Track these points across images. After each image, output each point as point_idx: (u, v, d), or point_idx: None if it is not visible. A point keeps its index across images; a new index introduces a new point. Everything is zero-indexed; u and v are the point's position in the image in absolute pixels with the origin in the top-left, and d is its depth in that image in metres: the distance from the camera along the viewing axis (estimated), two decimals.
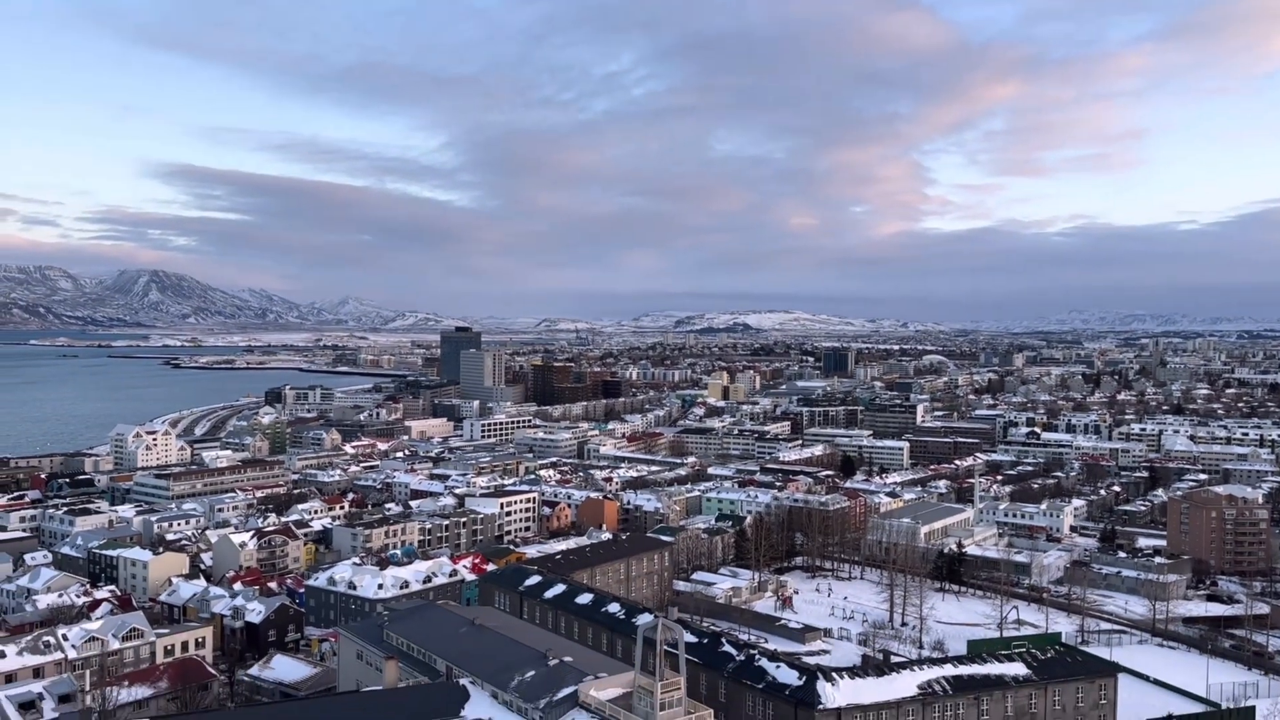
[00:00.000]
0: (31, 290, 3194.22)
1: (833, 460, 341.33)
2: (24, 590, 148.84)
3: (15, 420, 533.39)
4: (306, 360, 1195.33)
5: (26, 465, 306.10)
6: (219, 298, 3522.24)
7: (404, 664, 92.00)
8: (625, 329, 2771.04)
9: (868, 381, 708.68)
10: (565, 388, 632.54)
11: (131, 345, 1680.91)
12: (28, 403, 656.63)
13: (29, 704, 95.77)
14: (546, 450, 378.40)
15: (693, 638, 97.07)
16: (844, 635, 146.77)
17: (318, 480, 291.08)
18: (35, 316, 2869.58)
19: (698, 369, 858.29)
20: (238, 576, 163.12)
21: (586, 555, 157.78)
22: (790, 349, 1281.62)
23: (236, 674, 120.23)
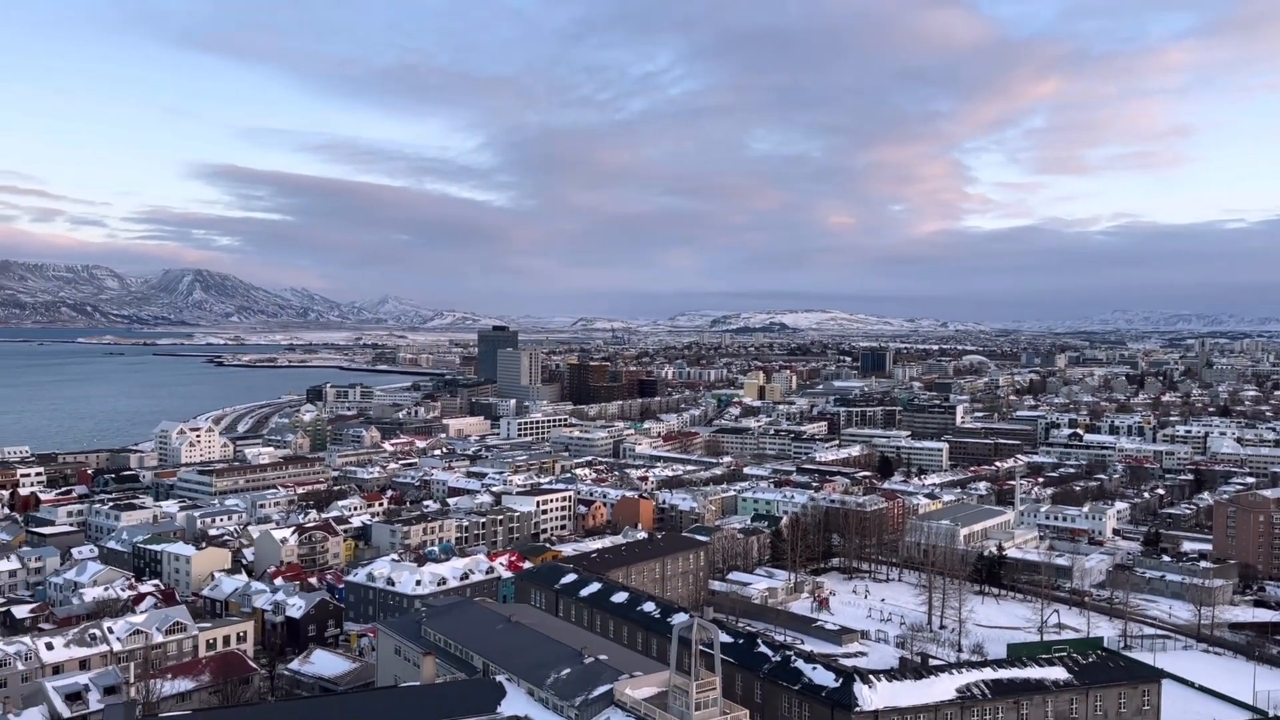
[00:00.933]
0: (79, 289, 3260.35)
1: (870, 461, 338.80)
2: (71, 584, 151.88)
3: (63, 417, 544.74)
4: (347, 359, 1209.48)
5: (74, 461, 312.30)
6: (261, 297, 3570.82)
7: (441, 660, 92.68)
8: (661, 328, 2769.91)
9: (906, 382, 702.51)
10: (601, 387, 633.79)
11: (176, 343, 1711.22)
12: (75, 400, 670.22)
13: (75, 695, 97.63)
14: (582, 449, 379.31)
15: (728, 638, 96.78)
16: (881, 637, 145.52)
17: (357, 477, 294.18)
18: (83, 315, 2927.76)
19: (734, 368, 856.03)
20: (279, 572, 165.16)
21: (622, 554, 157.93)
22: (827, 349, 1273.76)
23: (277, 668, 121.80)
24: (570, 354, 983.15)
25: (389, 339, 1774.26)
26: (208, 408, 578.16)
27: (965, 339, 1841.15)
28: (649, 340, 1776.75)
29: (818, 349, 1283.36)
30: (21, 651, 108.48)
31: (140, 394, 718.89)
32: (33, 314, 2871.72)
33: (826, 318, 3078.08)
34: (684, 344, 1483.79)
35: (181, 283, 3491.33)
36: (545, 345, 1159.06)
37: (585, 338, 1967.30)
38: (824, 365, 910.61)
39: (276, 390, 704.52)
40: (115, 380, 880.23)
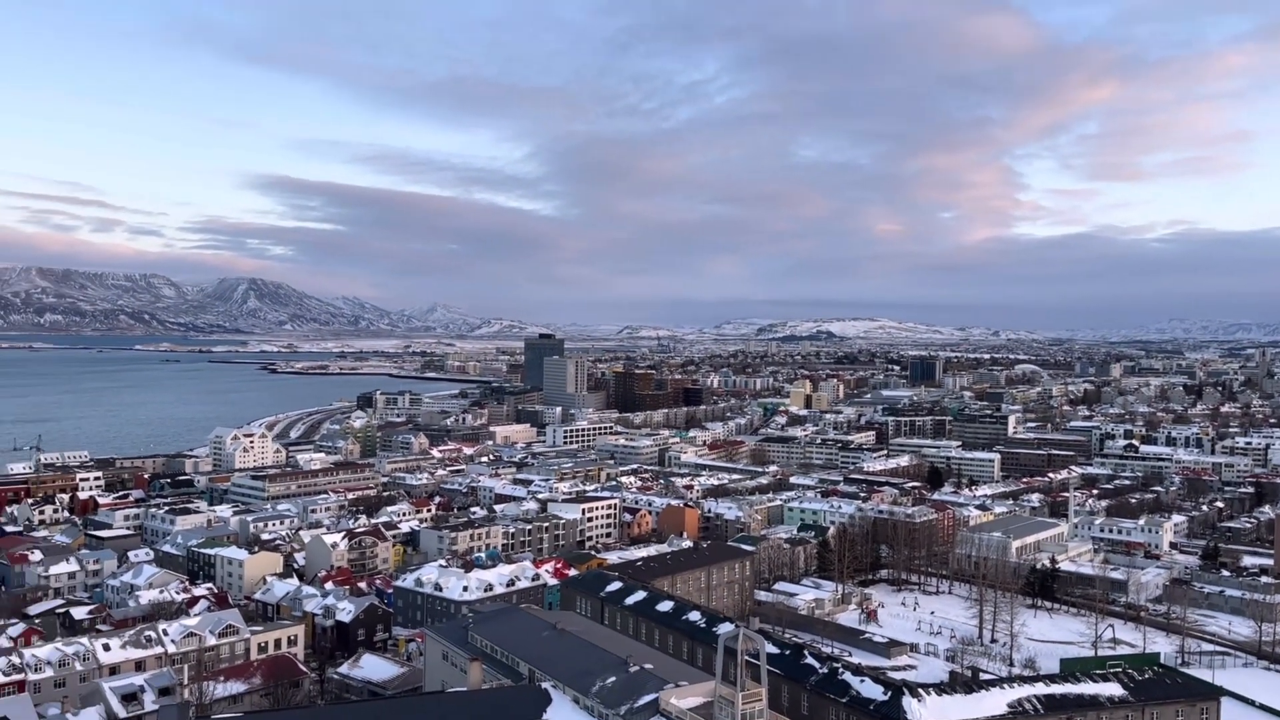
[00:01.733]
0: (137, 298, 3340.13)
1: (919, 471, 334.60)
2: (127, 586, 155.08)
3: (121, 423, 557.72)
4: (396, 366, 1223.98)
5: (131, 466, 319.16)
6: (314, 305, 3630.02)
7: (488, 666, 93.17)
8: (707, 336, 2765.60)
9: (956, 391, 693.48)
10: (646, 395, 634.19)
11: (230, 351, 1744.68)
12: (132, 406, 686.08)
13: (131, 696, 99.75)
14: (627, 457, 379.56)
15: (774, 649, 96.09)
16: (931, 651, 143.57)
17: (406, 483, 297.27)
18: (140, 323, 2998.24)
19: (780, 377, 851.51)
20: (329, 576, 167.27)
21: (667, 562, 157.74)
22: (875, 357, 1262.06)
23: (326, 672, 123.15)
24: (616, 362, 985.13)
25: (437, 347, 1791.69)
26: (261, 414, 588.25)
27: (1017, 348, 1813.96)
28: (694, 348, 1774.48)
29: (865, 357, 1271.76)
30: (80, 652, 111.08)
31: (196, 400, 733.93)
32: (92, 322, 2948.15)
33: (874, 326, 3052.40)
34: (729, 352, 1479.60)
35: (236, 291, 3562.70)
36: (591, 353, 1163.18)
37: (631, 346, 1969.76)
38: (872, 374, 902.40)
39: (328, 397, 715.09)
40: (171, 387, 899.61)
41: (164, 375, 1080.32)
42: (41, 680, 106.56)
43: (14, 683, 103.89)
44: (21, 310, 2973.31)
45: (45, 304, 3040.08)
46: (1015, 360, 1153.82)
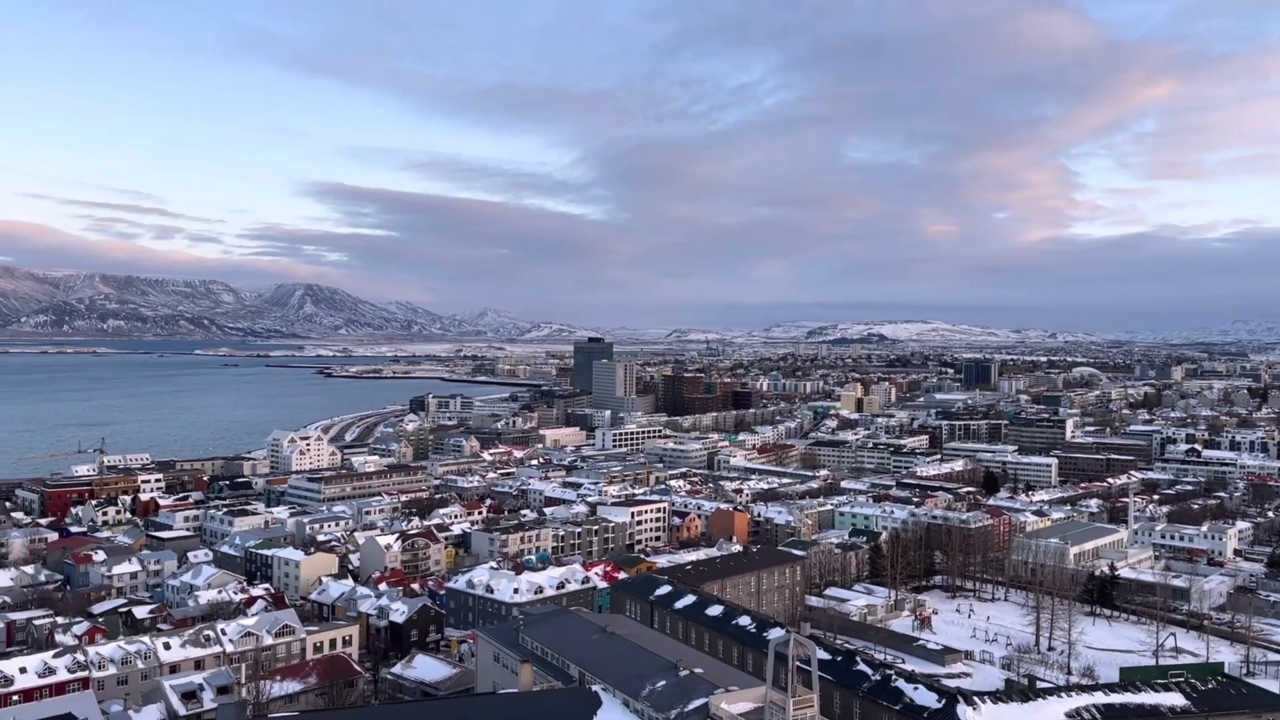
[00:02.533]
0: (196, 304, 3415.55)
1: (974, 476, 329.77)
2: (187, 586, 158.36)
3: (182, 426, 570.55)
4: (448, 370, 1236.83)
5: (191, 468, 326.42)
6: (368, 310, 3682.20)
7: (538, 668, 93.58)
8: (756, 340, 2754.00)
9: (1012, 394, 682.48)
10: (695, 398, 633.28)
11: (287, 355, 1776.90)
12: (192, 409, 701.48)
13: (191, 694, 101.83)
14: (676, 460, 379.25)
15: (826, 655, 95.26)
16: (986, 658, 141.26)
17: (458, 485, 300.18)
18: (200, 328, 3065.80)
19: (830, 380, 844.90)
20: (383, 577, 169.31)
21: (717, 566, 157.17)
22: (928, 360, 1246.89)
23: (380, 672, 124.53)
24: (665, 365, 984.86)
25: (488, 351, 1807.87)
26: (317, 417, 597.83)
27: (1075, 350, 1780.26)
28: (743, 352, 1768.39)
29: (918, 360, 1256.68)
30: (142, 651, 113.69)
31: (253, 404, 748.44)
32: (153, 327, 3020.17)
33: (927, 328, 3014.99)
34: (779, 355, 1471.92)
35: (293, 297, 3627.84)
36: (640, 357, 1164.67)
37: (679, 349, 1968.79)
38: (925, 377, 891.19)
39: (381, 400, 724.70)
40: (230, 391, 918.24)
41: (223, 379, 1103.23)
42: (105, 678, 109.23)
43: (79, 680, 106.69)
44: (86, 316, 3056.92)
45: (108, 310, 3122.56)
46: (1073, 363, 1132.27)
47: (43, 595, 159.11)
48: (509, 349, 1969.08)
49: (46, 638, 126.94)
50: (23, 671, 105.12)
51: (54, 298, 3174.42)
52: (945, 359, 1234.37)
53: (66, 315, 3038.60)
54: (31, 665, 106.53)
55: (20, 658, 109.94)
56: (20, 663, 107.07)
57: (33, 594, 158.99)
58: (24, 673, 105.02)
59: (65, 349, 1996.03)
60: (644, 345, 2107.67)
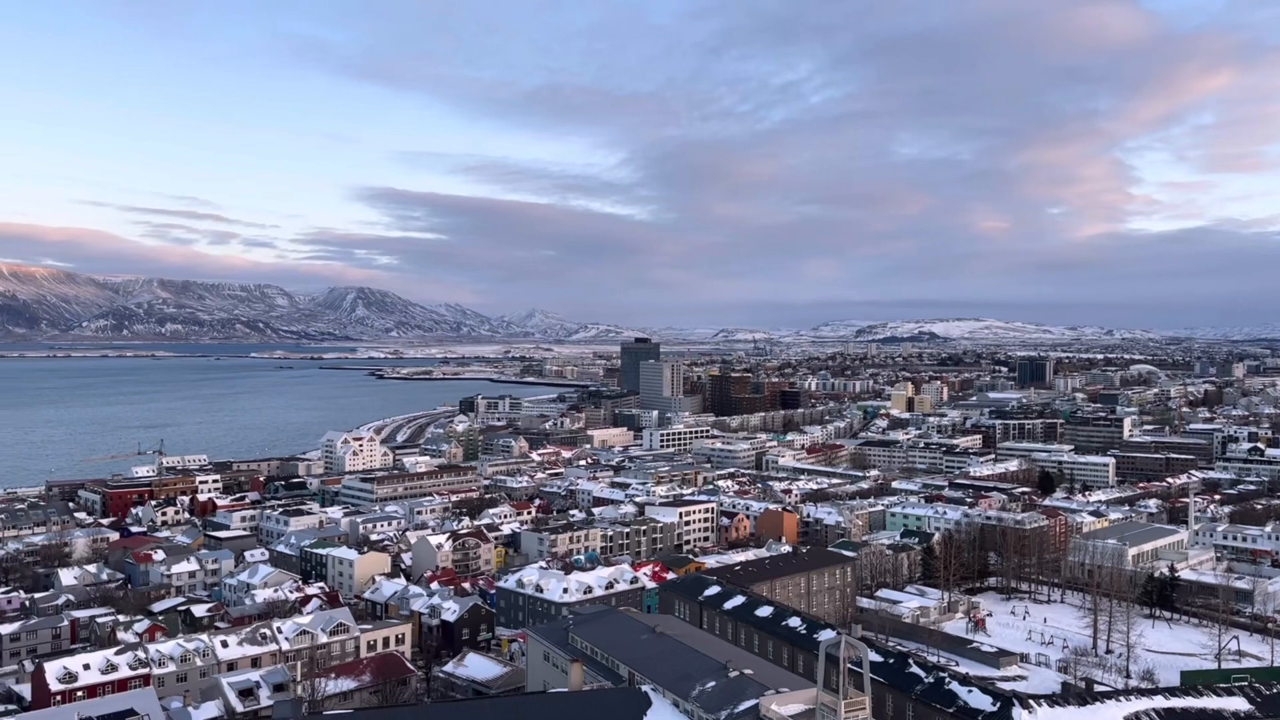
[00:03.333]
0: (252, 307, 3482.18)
1: (1029, 476, 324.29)
2: (244, 585, 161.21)
3: (239, 428, 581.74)
4: (496, 371, 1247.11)
5: (247, 469, 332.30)
6: (418, 312, 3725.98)
7: (588, 667, 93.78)
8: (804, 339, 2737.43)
9: (1068, 393, 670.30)
10: (743, 398, 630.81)
11: (340, 357, 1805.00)
12: (248, 411, 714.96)
13: (248, 691, 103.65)
14: (724, 460, 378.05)
15: (878, 657, 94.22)
16: (1042, 661, 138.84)
17: (507, 486, 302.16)
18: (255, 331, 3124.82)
19: (880, 379, 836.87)
20: (434, 576, 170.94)
21: (766, 567, 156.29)
22: (981, 358, 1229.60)
23: (433, 670, 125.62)
24: (712, 365, 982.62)
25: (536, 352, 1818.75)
26: (369, 418, 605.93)
27: (1132, 347, 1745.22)
28: (791, 351, 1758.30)
29: (970, 359, 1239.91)
30: (200, 648, 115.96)
31: (308, 405, 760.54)
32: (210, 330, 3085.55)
33: (980, 326, 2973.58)
34: (827, 354, 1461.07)
35: (345, 300, 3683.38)
36: (687, 357, 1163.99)
37: (726, 349, 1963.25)
38: (978, 376, 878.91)
39: (432, 402, 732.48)
40: (285, 393, 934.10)
41: (277, 381, 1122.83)
42: (165, 674, 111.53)
43: (140, 676, 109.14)
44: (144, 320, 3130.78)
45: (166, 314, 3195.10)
46: (1130, 360, 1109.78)
47: (105, 594, 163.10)
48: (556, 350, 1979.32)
49: (109, 635, 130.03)
50: (86, 668, 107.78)
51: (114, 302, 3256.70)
52: (998, 357, 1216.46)
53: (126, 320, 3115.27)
54: (95, 662, 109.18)
55: (84, 654, 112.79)
56: (84, 659, 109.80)
57: (95, 592, 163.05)
58: (88, 669, 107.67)
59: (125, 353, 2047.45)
60: (691, 345, 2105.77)
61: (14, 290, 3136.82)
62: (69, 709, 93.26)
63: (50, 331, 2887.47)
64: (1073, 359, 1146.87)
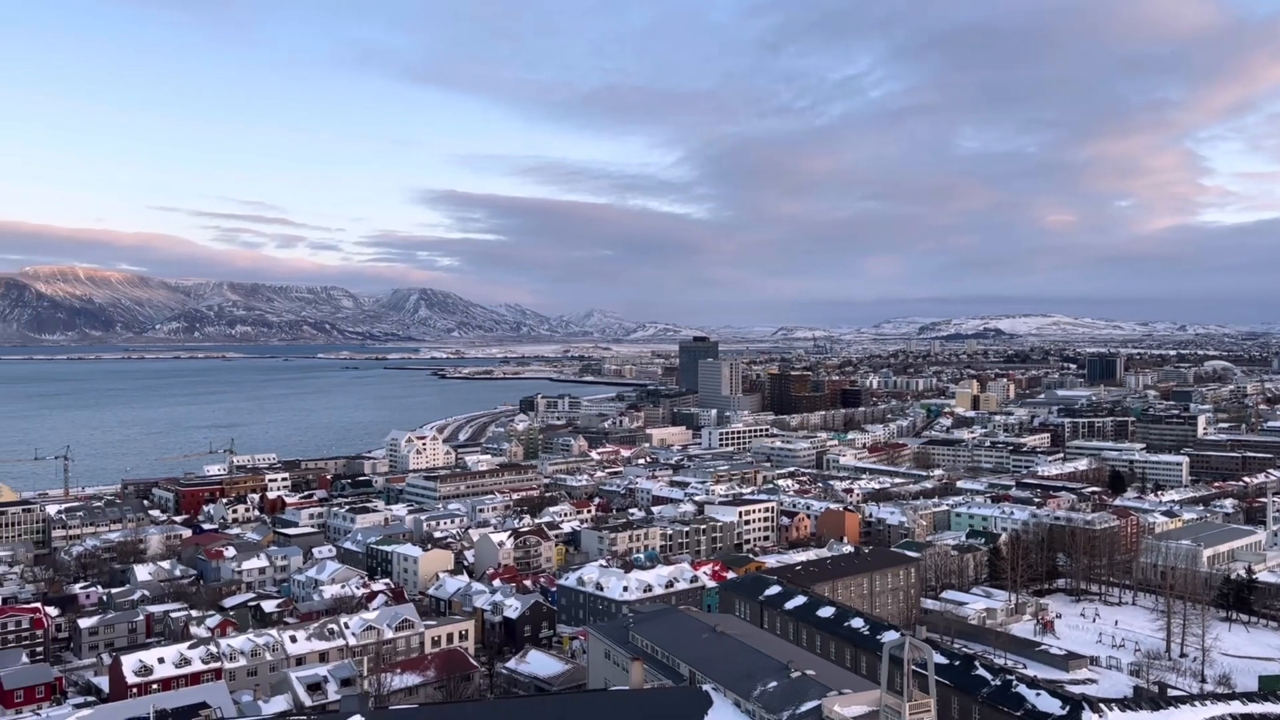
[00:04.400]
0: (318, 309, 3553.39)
1: (1099, 476, 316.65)
2: (312, 581, 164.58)
3: (307, 426, 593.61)
4: (556, 370, 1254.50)
5: (315, 467, 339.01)
6: (479, 313, 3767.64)
7: (649, 666, 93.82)
8: (865, 336, 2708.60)
9: (1139, 390, 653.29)
10: (803, 397, 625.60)
11: (403, 358, 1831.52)
12: (316, 410, 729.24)
13: (316, 685, 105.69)
14: (784, 459, 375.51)
15: (943, 659, 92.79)
16: (1113, 664, 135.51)
17: (567, 484, 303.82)
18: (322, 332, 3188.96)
19: (944, 377, 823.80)
20: (496, 573, 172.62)
21: (827, 567, 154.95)
22: (1049, 355, 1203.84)
23: (495, 666, 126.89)
24: (771, 364, 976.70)
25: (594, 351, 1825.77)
26: (432, 418, 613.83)
27: (1206, 343, 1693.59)
28: (852, 349, 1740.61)
29: (1038, 355, 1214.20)
30: (270, 643, 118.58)
31: (372, 405, 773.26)
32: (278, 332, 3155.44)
33: (1047, 322, 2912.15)
34: (889, 352, 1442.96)
35: (408, 301, 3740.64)
36: (745, 355, 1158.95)
37: (786, 347, 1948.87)
38: (1045, 373, 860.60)
39: (493, 401, 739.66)
40: (350, 392, 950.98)
41: (343, 381, 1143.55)
42: (236, 669, 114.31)
43: (212, 670, 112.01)
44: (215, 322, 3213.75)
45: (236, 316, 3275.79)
46: (1204, 356, 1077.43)
47: (178, 589, 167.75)
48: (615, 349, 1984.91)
49: (182, 630, 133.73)
50: (161, 662, 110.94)
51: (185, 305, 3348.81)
52: (1067, 354, 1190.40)
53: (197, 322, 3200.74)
54: (169, 656, 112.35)
55: (159, 648, 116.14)
56: (159, 653, 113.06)
57: (169, 588, 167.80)
58: (162, 663, 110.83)
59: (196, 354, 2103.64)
60: (750, 344, 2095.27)
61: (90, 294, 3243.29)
62: (144, 701, 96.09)
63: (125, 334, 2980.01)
64: (1144, 355, 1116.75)
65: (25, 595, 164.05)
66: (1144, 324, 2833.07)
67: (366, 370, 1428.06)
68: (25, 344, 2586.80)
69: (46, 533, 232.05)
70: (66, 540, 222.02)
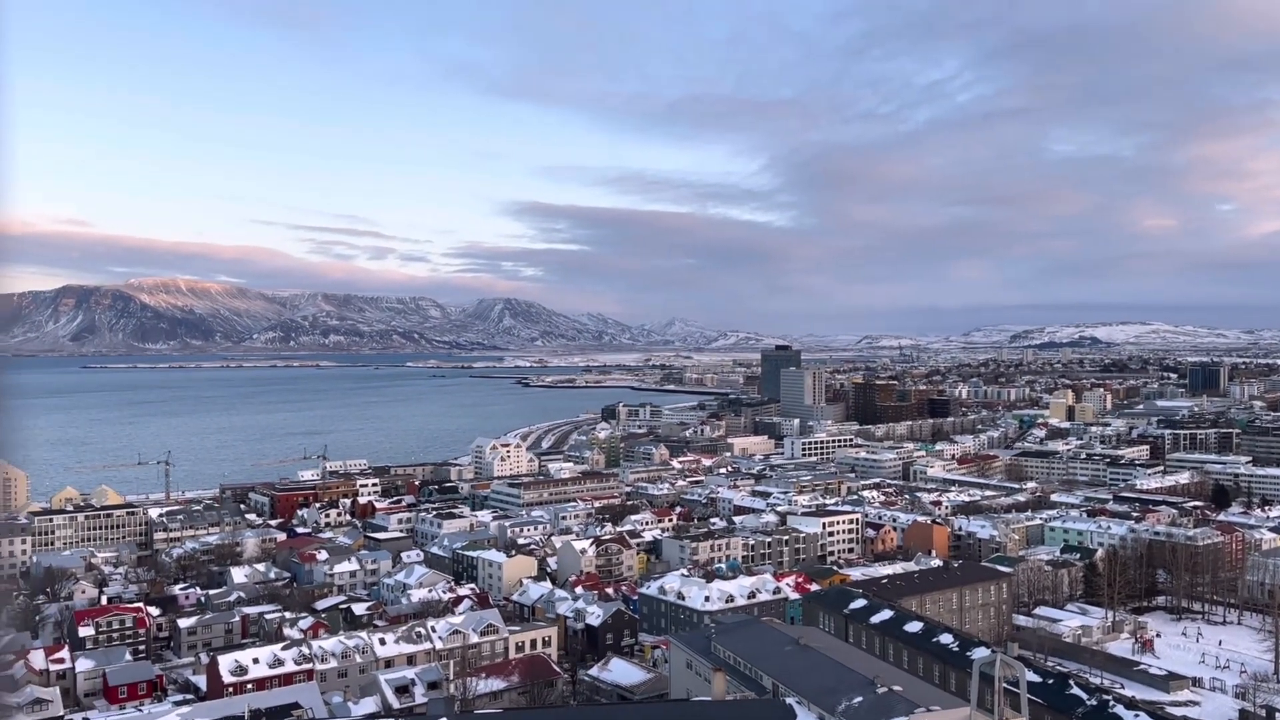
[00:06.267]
0: (407, 319, 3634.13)
1: (1202, 490, 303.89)
2: (400, 585, 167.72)
3: (396, 433, 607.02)
4: (637, 379, 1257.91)
5: (404, 473, 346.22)
6: (561, 322, 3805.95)
7: (731, 677, 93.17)
8: (953, 345, 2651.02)
9: (1245, 400, 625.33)
10: (888, 406, 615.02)
11: (489, 366, 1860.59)
12: (405, 417, 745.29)
13: (403, 688, 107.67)
14: (869, 470, 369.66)
15: (1036, 677, 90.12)
16: (1217, 686, 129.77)
17: (648, 493, 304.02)
18: (410, 342, 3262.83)
19: (1037, 387, 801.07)
20: (579, 581, 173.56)
21: (915, 581, 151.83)
22: (1148, 364, 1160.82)
23: (578, 673, 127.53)
24: (855, 373, 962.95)
25: (676, 359, 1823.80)
26: (516, 425, 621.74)
27: None
28: (940, 358, 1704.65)
29: (1136, 365, 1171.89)
30: (360, 645, 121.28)
31: (459, 413, 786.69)
32: (369, 341, 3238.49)
33: (1146, 330, 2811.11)
34: (979, 361, 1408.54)
35: (493, 311, 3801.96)
36: (828, 364, 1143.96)
37: (870, 356, 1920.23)
38: (1144, 383, 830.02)
39: (575, 409, 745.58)
40: (437, 400, 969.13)
41: (430, 389, 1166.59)
42: (327, 670, 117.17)
43: (304, 671, 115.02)
44: (309, 332, 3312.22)
45: (329, 326, 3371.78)
46: None
47: (273, 591, 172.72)
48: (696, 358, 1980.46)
49: (276, 631, 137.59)
50: (255, 662, 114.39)
51: (281, 315, 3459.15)
52: (1167, 363, 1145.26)
53: (292, 331, 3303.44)
54: (263, 657, 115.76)
55: (254, 649, 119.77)
56: (254, 654, 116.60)
57: (264, 590, 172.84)
58: (256, 663, 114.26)
59: (292, 363, 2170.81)
60: (833, 352, 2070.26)
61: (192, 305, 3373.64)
62: (239, 700, 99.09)
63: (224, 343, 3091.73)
64: (1250, 364, 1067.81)
65: (129, 595, 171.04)
66: (1249, 331, 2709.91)
67: (453, 378, 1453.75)
68: (130, 353, 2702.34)
69: (149, 535, 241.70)
70: (167, 542, 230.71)
